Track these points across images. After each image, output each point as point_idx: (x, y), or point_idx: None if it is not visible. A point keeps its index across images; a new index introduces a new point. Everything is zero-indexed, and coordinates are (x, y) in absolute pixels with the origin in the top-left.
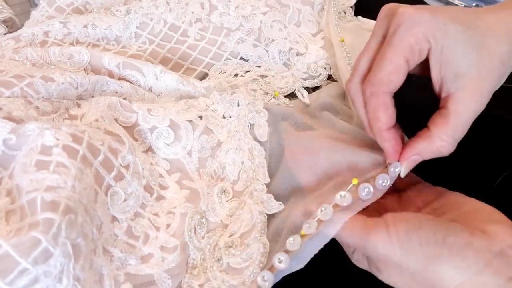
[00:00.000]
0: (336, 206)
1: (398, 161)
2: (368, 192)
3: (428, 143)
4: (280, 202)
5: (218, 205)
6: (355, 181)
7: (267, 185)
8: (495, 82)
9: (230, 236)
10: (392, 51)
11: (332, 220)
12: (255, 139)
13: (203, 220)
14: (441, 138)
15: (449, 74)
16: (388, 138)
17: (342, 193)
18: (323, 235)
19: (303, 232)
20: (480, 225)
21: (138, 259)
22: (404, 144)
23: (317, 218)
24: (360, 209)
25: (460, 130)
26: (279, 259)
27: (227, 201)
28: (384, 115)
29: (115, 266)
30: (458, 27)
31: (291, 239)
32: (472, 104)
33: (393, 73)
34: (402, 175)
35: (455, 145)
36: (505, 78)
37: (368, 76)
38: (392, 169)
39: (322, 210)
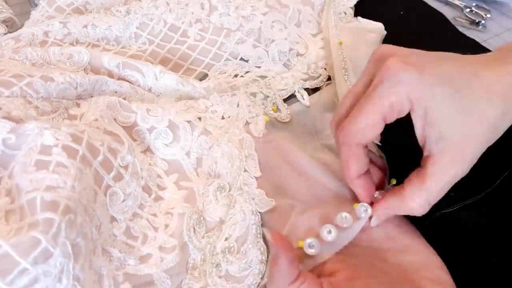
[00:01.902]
0: (338, 227)
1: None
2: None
3: (400, 202)
4: (272, 199)
5: (214, 203)
6: (355, 206)
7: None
8: (482, 146)
9: (226, 239)
10: (371, 106)
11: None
12: (248, 132)
13: (202, 219)
14: (414, 200)
15: (432, 134)
16: (359, 185)
17: (344, 214)
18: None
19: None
20: (427, 285)
21: (137, 259)
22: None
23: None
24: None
25: (434, 195)
26: None
27: (223, 197)
28: (354, 165)
29: (114, 266)
30: (446, 89)
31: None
32: (452, 170)
33: (367, 128)
34: (372, 225)
35: (428, 208)
36: (495, 140)
37: (343, 123)
38: (363, 215)
39: (328, 231)
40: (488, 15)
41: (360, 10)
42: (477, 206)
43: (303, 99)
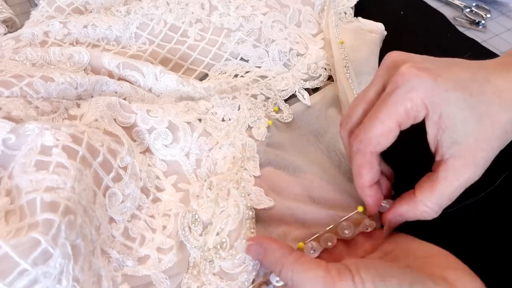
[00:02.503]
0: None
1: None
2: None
3: (411, 207)
4: (270, 199)
5: (206, 201)
6: (360, 209)
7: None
8: (494, 151)
9: (218, 234)
10: (386, 113)
11: None
12: (251, 137)
13: (197, 217)
14: (425, 205)
15: (445, 139)
16: (370, 194)
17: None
18: None
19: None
20: (440, 272)
21: (135, 260)
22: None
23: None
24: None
25: (446, 199)
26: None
27: (212, 193)
28: (368, 174)
29: (112, 267)
30: (460, 95)
31: None
32: (465, 174)
33: (383, 135)
34: (385, 233)
35: (440, 212)
36: (506, 144)
37: (357, 131)
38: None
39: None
40: (488, 15)
41: (360, 10)
42: (477, 206)
43: (304, 99)
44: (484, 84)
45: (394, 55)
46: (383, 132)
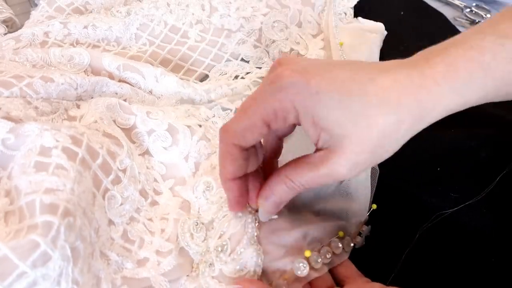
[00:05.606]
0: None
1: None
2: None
3: (278, 182)
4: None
5: (205, 203)
6: (341, 234)
7: None
8: (372, 154)
9: (220, 237)
10: (254, 108)
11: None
12: None
13: (199, 223)
14: (293, 181)
15: (323, 137)
16: (230, 188)
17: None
18: None
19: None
20: None
21: (134, 263)
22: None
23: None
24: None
25: (312, 182)
26: None
27: (212, 195)
28: (230, 166)
29: (112, 270)
30: (335, 96)
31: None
32: (338, 169)
33: (247, 130)
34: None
35: (299, 190)
36: (391, 149)
37: (228, 121)
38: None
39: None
40: (488, 15)
41: (360, 10)
42: (477, 207)
43: None
44: (368, 84)
45: (281, 58)
46: (248, 126)
